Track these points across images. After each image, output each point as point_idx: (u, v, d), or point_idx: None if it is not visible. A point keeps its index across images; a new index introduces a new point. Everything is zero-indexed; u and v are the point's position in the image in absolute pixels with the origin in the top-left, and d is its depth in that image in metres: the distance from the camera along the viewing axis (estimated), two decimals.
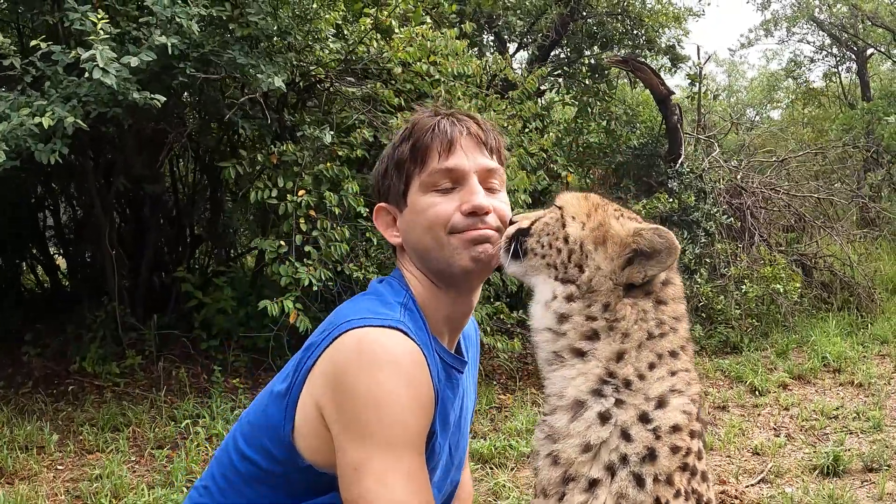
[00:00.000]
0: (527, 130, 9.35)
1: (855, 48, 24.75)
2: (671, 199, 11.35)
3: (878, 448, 6.74)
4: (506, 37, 14.09)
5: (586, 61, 13.45)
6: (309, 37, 7.61)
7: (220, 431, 6.85)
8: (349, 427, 2.02)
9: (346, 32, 8.41)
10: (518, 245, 2.23)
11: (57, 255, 12.38)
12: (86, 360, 8.73)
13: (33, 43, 6.16)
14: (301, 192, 7.34)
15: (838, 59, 27.21)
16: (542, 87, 12.13)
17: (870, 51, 24.96)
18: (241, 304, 9.17)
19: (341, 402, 2.03)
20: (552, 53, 13.83)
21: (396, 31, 8.41)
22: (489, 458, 6.60)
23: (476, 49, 11.22)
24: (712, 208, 11.72)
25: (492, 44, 14.29)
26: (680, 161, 12.08)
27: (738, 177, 13.28)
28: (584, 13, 12.94)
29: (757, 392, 8.68)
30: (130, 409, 7.64)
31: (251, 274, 10.33)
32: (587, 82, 13.16)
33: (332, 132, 7.47)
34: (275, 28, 7.21)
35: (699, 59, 15.07)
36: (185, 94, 8.89)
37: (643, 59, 12.96)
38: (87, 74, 5.79)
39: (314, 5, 7.49)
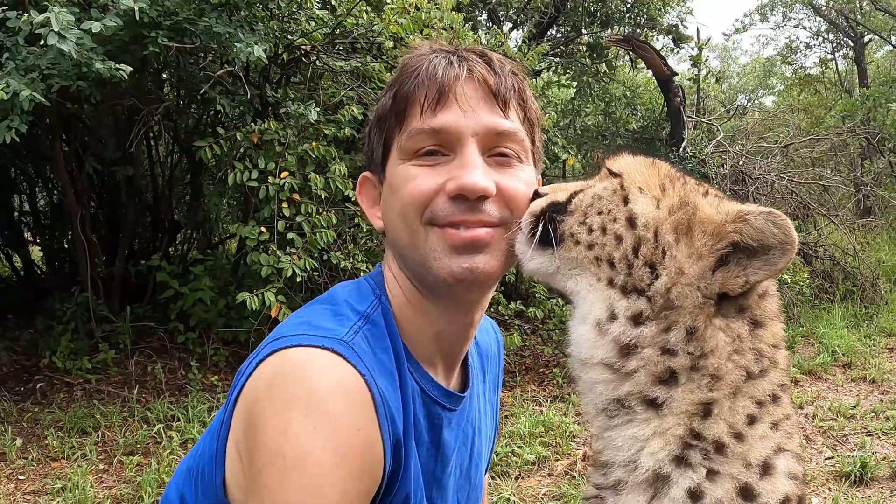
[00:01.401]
0: None
1: (853, 34, 24.32)
2: None
3: None
4: (501, 14, 13.51)
5: (585, 40, 12.87)
6: (293, 4, 7.00)
7: (195, 436, 6.30)
8: (252, 487, 1.43)
9: (333, 2, 7.79)
10: (548, 227, 1.56)
11: (31, 243, 11.73)
12: (56, 355, 8.12)
13: None
14: (284, 174, 6.74)
15: (834, 45, 26.78)
16: (539, 68, 11.57)
17: (868, 37, 24.53)
18: (220, 295, 8.57)
19: (248, 452, 1.44)
20: (548, 33, 13.26)
21: (388, 1, 7.79)
22: (490, 467, 6.05)
23: (469, 24, 10.64)
24: None
25: (485, 22, 13.72)
26: (683, 146, 11.62)
27: (740, 163, 12.85)
28: None
29: None
30: (100, 409, 7.06)
31: (232, 262, 9.73)
32: (586, 62, 12.60)
33: (317, 109, 6.85)
34: None
35: (698, 40, 14.60)
36: (165, 74, 8.30)
37: (644, 39, 12.47)
38: (41, 41, 5.17)
39: None
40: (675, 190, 1.51)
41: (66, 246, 10.92)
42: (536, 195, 1.66)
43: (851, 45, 24.88)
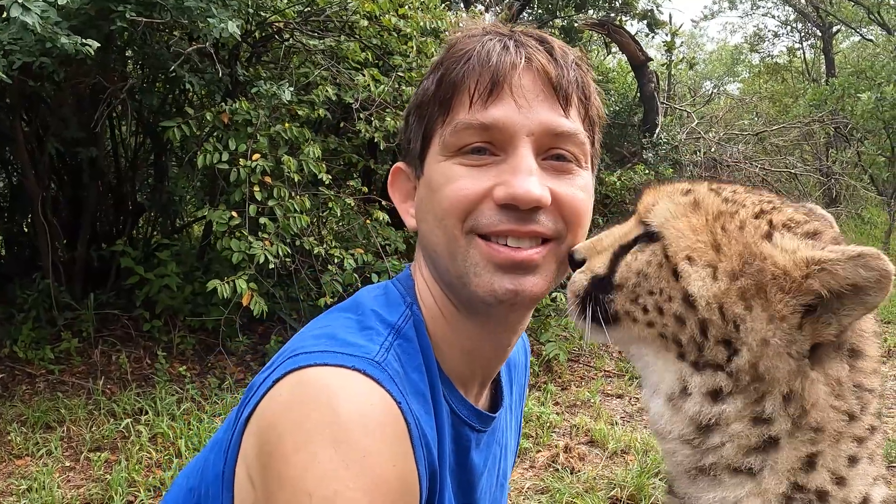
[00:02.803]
0: None
1: (821, 24, 24.49)
2: (647, 171, 10.89)
3: (888, 444, 6.31)
4: None
5: (559, 24, 12.71)
6: None
7: (165, 430, 6.06)
8: None
9: None
10: (597, 305, 1.39)
11: None
12: (18, 344, 7.79)
13: None
14: (255, 156, 6.48)
15: (802, 34, 26.96)
16: None
17: (836, 27, 24.72)
18: (187, 280, 8.29)
19: (265, 484, 1.25)
20: (522, 15, 13.08)
21: None
22: None
23: (444, 5, 10.41)
24: None
25: (456, 3, 13.50)
26: (657, 132, 11.55)
27: (712, 149, 12.88)
28: None
29: None
30: (65, 402, 6.76)
31: (198, 247, 9.44)
32: None
33: (291, 89, 6.59)
34: None
35: (671, 25, 14.54)
36: (129, 52, 7.97)
37: (619, 24, 12.35)
38: (3, 14, 4.87)
39: None
40: (732, 245, 1.28)
41: (25, 230, 10.54)
42: (572, 258, 1.48)
43: (819, 34, 25.04)
